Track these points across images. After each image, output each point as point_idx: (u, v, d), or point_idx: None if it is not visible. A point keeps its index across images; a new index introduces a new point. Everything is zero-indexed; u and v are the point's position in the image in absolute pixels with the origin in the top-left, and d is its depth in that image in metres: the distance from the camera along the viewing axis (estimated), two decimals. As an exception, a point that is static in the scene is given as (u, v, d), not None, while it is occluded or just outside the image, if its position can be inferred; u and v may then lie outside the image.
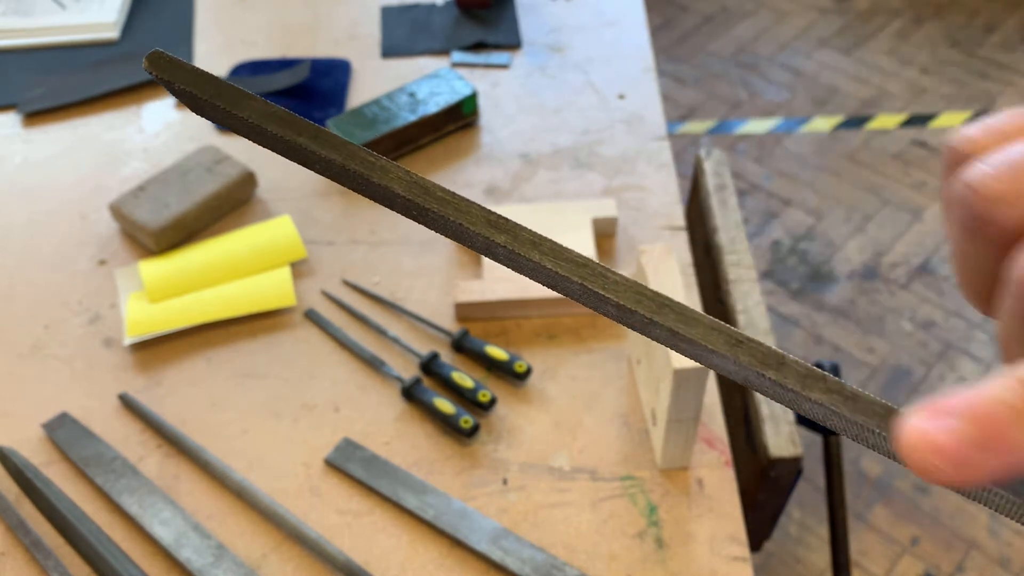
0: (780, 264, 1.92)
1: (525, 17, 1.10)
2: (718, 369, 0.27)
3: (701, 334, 0.25)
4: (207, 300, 0.78)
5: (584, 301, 0.27)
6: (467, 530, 0.62)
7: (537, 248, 0.26)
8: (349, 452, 0.68)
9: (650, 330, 0.26)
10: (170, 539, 0.62)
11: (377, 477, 0.66)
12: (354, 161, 0.27)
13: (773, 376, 0.26)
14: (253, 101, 0.26)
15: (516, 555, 0.60)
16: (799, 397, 0.25)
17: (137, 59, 1.05)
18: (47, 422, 0.71)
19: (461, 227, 0.26)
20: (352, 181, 0.27)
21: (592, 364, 0.73)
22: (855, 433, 0.26)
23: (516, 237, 0.26)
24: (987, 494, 0.23)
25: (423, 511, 0.63)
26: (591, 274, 0.26)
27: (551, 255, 0.26)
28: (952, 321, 1.79)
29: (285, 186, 0.90)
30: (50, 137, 0.97)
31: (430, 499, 0.64)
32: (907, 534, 1.48)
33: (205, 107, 0.27)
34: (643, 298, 0.26)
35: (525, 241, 0.26)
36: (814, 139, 2.21)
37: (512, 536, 0.62)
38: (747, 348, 0.25)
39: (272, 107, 0.27)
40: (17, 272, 0.83)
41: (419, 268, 0.82)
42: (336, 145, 0.26)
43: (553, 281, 0.27)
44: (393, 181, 0.27)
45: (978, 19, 2.53)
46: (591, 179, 0.90)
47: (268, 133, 0.27)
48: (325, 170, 0.28)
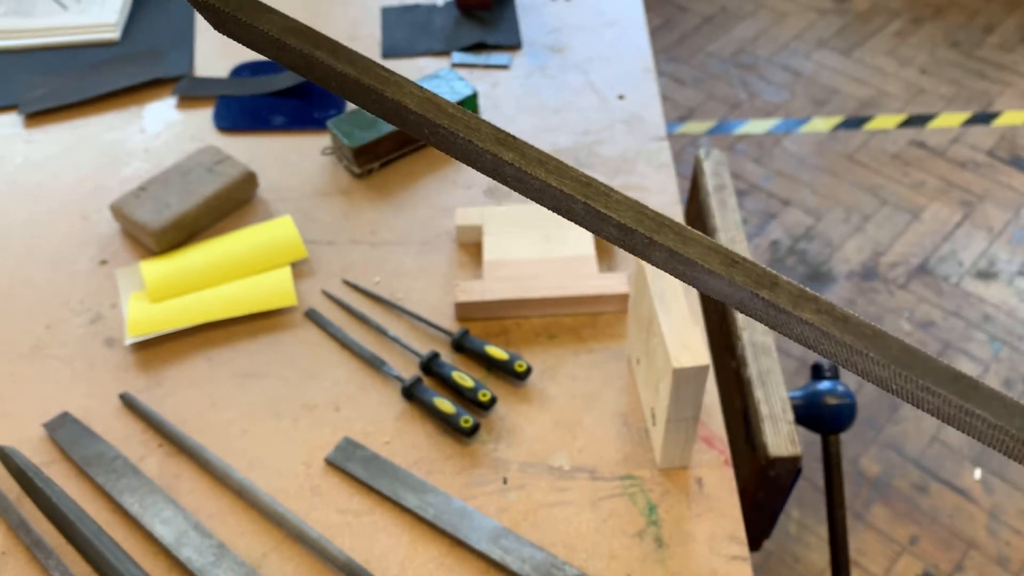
0: (779, 264, 1.92)
1: (525, 18, 1.11)
2: (714, 292, 0.28)
3: (699, 253, 0.26)
4: (208, 300, 0.78)
5: (587, 224, 0.27)
6: (467, 529, 0.62)
7: (544, 166, 0.26)
8: (349, 451, 0.68)
9: (650, 252, 0.27)
10: (171, 538, 0.63)
11: (377, 476, 0.66)
12: (368, 75, 0.27)
13: (767, 296, 0.26)
14: (273, 15, 0.27)
15: (516, 554, 0.61)
16: (791, 318, 0.26)
17: (138, 60, 1.05)
18: (48, 422, 0.71)
19: (471, 144, 0.27)
20: (366, 96, 0.28)
21: (592, 364, 0.74)
22: (845, 357, 0.26)
23: (524, 155, 0.26)
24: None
25: (423, 510, 0.64)
26: (595, 192, 0.26)
27: (556, 173, 0.26)
28: (951, 321, 1.79)
29: (286, 186, 0.90)
30: (51, 137, 0.97)
31: (430, 498, 0.64)
32: (906, 533, 1.48)
33: (228, 21, 0.27)
34: (644, 217, 0.26)
35: (532, 159, 0.27)
36: (813, 139, 2.21)
37: (512, 535, 0.62)
38: (742, 268, 0.26)
39: (292, 21, 0.27)
40: (18, 272, 0.83)
41: (419, 268, 0.82)
42: (353, 60, 0.27)
43: (558, 201, 0.27)
44: (406, 96, 0.27)
45: (977, 20, 2.54)
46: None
47: (288, 46, 0.27)
48: (341, 86, 0.28)
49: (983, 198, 2.04)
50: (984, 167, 2.12)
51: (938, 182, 2.09)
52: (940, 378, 0.26)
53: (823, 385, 0.86)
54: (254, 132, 0.96)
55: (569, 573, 0.59)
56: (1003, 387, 1.66)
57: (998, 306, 1.81)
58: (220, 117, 0.98)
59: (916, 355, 0.27)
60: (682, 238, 0.27)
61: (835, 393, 0.84)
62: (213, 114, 0.98)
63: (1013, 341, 1.74)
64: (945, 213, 2.01)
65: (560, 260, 0.79)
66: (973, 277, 1.88)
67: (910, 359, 0.27)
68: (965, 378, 0.26)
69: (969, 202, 2.04)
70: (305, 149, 0.94)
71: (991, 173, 2.10)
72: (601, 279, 0.77)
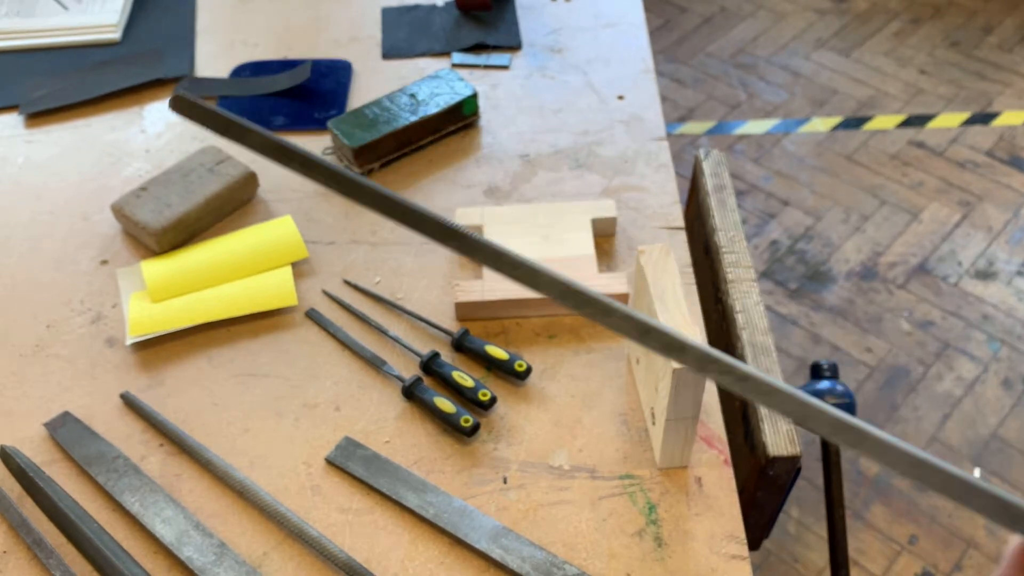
0: (778, 264, 1.93)
1: (525, 18, 1.11)
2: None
3: (616, 323, 0.31)
4: (209, 300, 0.78)
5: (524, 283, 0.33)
6: (467, 528, 0.62)
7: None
8: (350, 451, 0.68)
9: (583, 312, 0.32)
10: (172, 537, 0.63)
11: (377, 475, 0.66)
12: (334, 181, 0.33)
13: (677, 358, 0.31)
14: (254, 135, 0.32)
15: (516, 553, 0.61)
16: (701, 377, 0.32)
17: (139, 60, 1.05)
18: (49, 421, 0.71)
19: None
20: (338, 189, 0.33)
21: (591, 363, 0.74)
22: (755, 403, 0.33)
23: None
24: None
25: (423, 509, 0.64)
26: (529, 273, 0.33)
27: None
28: (950, 320, 1.80)
29: (287, 186, 0.91)
30: (52, 138, 0.97)
31: (430, 497, 0.65)
32: (905, 532, 1.48)
33: (219, 133, 0.33)
34: (570, 293, 0.31)
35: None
36: (812, 140, 2.21)
37: (512, 534, 0.62)
38: (655, 335, 0.32)
39: (269, 140, 0.33)
40: (20, 272, 0.83)
41: (420, 268, 0.82)
42: (323, 171, 0.33)
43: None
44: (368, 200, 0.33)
45: (976, 20, 2.54)
46: (591, 179, 0.90)
47: (269, 155, 0.34)
48: (316, 180, 0.34)
49: (982, 198, 2.05)
50: (983, 167, 2.12)
51: (937, 182, 2.09)
52: (836, 427, 0.31)
53: (822, 385, 0.86)
54: (254, 132, 0.97)
55: (569, 572, 0.60)
56: (1001, 387, 1.66)
57: (997, 306, 1.81)
58: (221, 117, 0.98)
59: (810, 408, 0.31)
60: (605, 310, 0.32)
61: (834, 393, 0.85)
62: (214, 114, 0.98)
63: (1012, 341, 1.74)
64: (944, 213, 2.02)
65: (560, 260, 0.79)
66: (972, 277, 1.88)
67: (804, 412, 0.31)
68: (853, 428, 0.31)
69: (968, 202, 2.04)
70: (306, 149, 0.95)
71: (990, 173, 2.10)
72: (601, 279, 0.77)
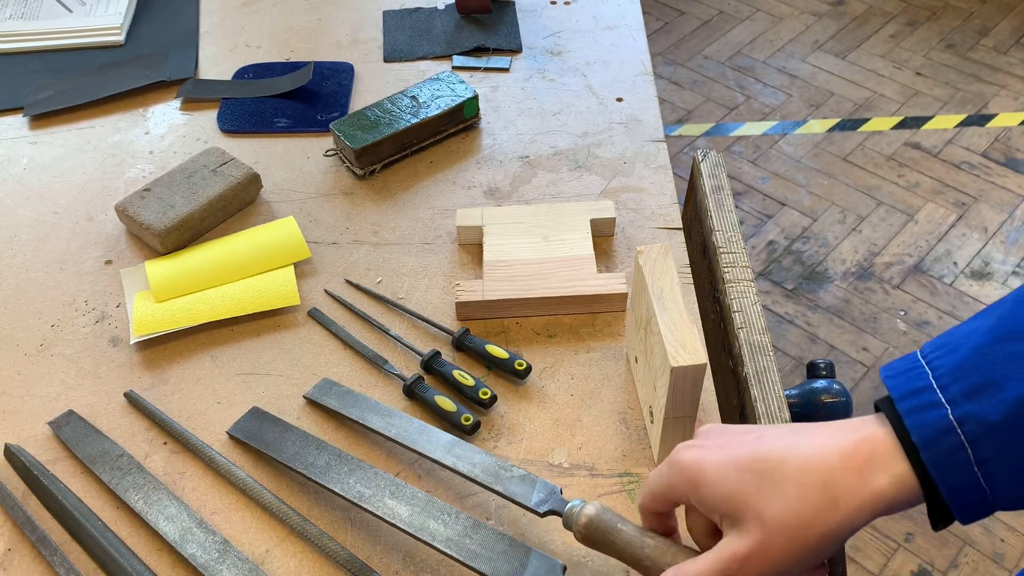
0: (776, 264, 1.94)
1: (525, 21, 1.12)
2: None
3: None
4: (212, 299, 0.79)
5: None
6: (425, 443, 0.65)
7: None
8: (327, 388, 0.72)
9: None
10: (175, 535, 0.63)
11: (349, 407, 0.70)
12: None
13: None
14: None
15: (467, 460, 0.63)
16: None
17: (143, 62, 1.06)
18: (54, 419, 0.71)
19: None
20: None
21: (591, 362, 0.75)
22: None
23: None
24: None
25: (387, 430, 0.67)
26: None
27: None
28: (946, 320, 1.80)
29: (289, 187, 0.91)
30: (56, 139, 0.98)
31: (394, 420, 0.68)
32: (901, 530, 1.49)
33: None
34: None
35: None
36: (809, 141, 2.22)
37: (465, 445, 0.64)
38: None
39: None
40: (24, 272, 0.84)
41: (421, 268, 0.83)
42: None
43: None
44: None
45: (971, 22, 2.55)
46: (590, 181, 0.91)
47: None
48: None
49: (977, 199, 2.06)
50: (978, 168, 2.13)
51: (933, 183, 2.10)
52: None
53: (819, 384, 0.87)
54: (258, 134, 0.97)
55: (516, 474, 0.61)
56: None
57: (993, 307, 1.82)
58: (224, 119, 0.99)
59: None
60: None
61: (830, 391, 0.85)
62: (217, 116, 0.99)
63: (1007, 341, 1.75)
64: (940, 214, 2.03)
65: (560, 260, 0.80)
66: (967, 277, 1.89)
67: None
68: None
69: (964, 203, 2.05)
70: (308, 151, 0.96)
71: (985, 174, 2.12)
72: (600, 279, 0.78)
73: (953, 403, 0.42)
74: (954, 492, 0.41)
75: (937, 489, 0.42)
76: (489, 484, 0.61)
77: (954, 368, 0.42)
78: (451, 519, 0.60)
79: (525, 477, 0.61)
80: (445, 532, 0.59)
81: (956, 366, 0.42)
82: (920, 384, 0.43)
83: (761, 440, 0.46)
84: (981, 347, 0.42)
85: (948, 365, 0.43)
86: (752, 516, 0.44)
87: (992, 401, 0.40)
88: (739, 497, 0.45)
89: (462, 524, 0.60)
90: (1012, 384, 0.40)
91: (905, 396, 0.43)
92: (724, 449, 0.47)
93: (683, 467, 0.47)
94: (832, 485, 0.43)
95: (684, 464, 0.47)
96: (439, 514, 0.61)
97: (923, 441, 0.42)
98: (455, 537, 0.59)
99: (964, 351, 0.43)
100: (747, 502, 0.44)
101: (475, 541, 0.59)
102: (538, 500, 0.59)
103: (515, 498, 0.60)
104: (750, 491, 0.44)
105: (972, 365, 0.42)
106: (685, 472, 0.47)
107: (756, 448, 0.46)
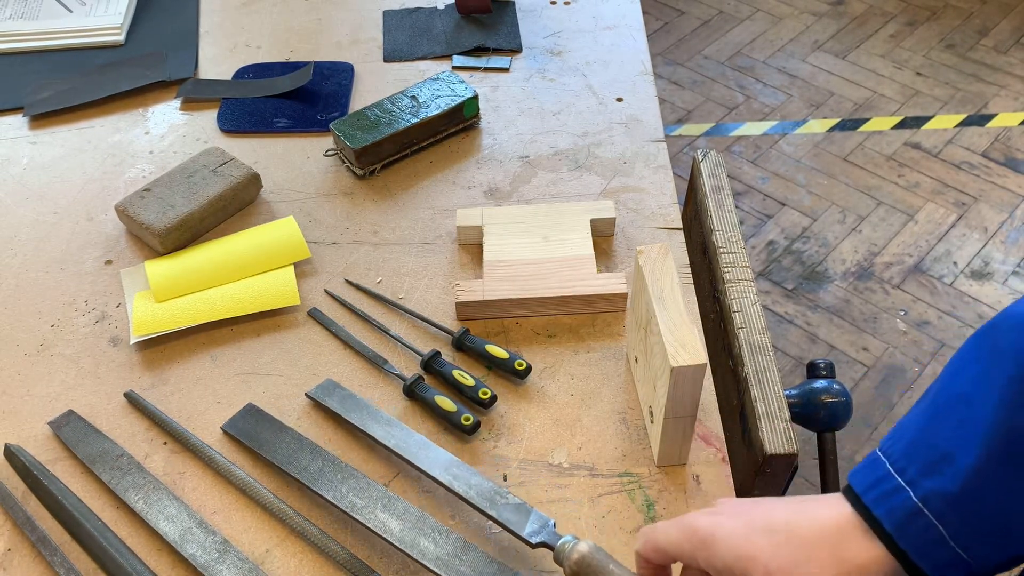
0: (776, 264, 1.94)
1: (525, 21, 1.12)
2: None
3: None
4: (212, 299, 0.79)
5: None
6: (424, 458, 0.65)
7: None
8: (330, 389, 0.72)
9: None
10: (175, 535, 0.63)
11: (350, 411, 0.70)
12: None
13: None
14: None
15: (464, 480, 0.63)
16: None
17: (143, 62, 1.06)
18: (54, 419, 0.72)
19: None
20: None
21: (590, 362, 0.75)
22: None
23: None
24: None
25: (387, 439, 0.67)
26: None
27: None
28: (945, 320, 1.81)
29: (289, 187, 0.91)
30: (57, 139, 0.98)
31: (395, 430, 0.68)
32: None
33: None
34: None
35: None
36: (809, 141, 2.22)
37: (464, 465, 0.64)
38: None
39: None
40: (24, 272, 0.84)
41: (421, 268, 0.83)
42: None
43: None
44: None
45: (971, 22, 2.55)
46: (590, 180, 0.91)
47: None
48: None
49: (977, 199, 2.06)
50: (978, 168, 2.13)
51: (933, 183, 2.10)
52: None
53: (819, 384, 0.87)
54: (258, 134, 0.98)
55: (512, 501, 0.61)
56: (997, 387, 1.67)
57: (992, 306, 1.83)
58: (224, 119, 0.99)
59: None
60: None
61: (831, 391, 0.85)
62: (217, 116, 0.99)
63: (1007, 341, 1.75)
64: (940, 214, 2.03)
65: (560, 260, 0.80)
66: (967, 277, 1.89)
67: None
68: None
69: (964, 203, 2.05)
70: (308, 151, 0.96)
71: (985, 174, 2.12)
72: (600, 279, 0.78)
73: (913, 484, 0.43)
74: (939, 569, 0.42)
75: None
76: (483, 508, 0.61)
77: (906, 451, 0.44)
78: (442, 538, 0.60)
79: (520, 506, 0.61)
80: (435, 551, 0.59)
81: (907, 449, 0.44)
82: (880, 473, 0.45)
83: (774, 508, 0.48)
84: (925, 425, 0.44)
85: (900, 450, 0.44)
86: (762, 573, 0.45)
87: (948, 474, 0.42)
88: (751, 556, 0.46)
89: (452, 544, 0.60)
90: (961, 453, 0.42)
91: (868, 488, 0.45)
92: (739, 517, 0.49)
93: (696, 530, 0.49)
94: (840, 547, 0.45)
95: (698, 528, 0.49)
96: (430, 531, 0.61)
97: (895, 527, 0.43)
98: (445, 557, 0.59)
99: (911, 433, 0.45)
100: (758, 558, 0.46)
101: (464, 562, 0.59)
102: (531, 531, 0.59)
103: (508, 525, 0.60)
104: (763, 551, 0.46)
105: (921, 442, 0.44)
106: (699, 534, 0.49)
107: (770, 513, 0.48)
